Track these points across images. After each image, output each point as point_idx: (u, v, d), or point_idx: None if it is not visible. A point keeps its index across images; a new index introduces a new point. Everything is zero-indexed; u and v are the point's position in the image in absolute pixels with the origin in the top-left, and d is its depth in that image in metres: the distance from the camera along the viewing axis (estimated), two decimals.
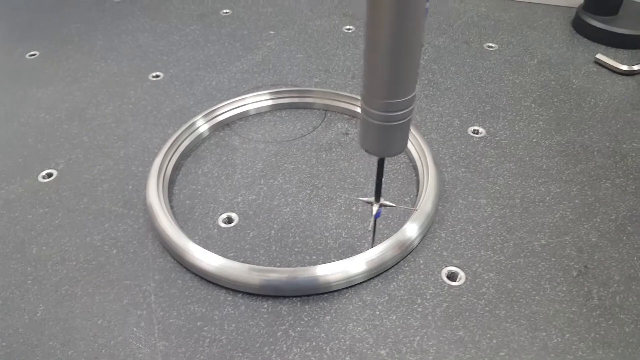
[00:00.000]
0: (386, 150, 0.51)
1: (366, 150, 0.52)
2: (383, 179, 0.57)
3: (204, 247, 0.64)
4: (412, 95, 0.47)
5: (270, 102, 0.91)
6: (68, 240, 0.69)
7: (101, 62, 1.06)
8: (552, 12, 1.20)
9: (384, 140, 0.50)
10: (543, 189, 0.73)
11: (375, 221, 0.64)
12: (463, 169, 0.77)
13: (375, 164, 0.55)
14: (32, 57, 1.09)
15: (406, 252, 0.64)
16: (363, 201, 0.66)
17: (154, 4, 1.28)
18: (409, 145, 0.80)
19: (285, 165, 0.80)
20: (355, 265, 0.61)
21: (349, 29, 1.15)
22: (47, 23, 1.22)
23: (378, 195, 0.59)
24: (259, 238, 0.68)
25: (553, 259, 0.64)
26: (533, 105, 0.89)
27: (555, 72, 0.98)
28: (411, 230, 0.65)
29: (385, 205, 0.60)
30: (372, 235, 0.68)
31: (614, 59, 1.00)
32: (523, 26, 1.14)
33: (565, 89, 0.93)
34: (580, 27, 1.11)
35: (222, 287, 0.62)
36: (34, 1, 1.33)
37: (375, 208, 0.60)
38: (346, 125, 0.87)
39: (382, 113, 0.47)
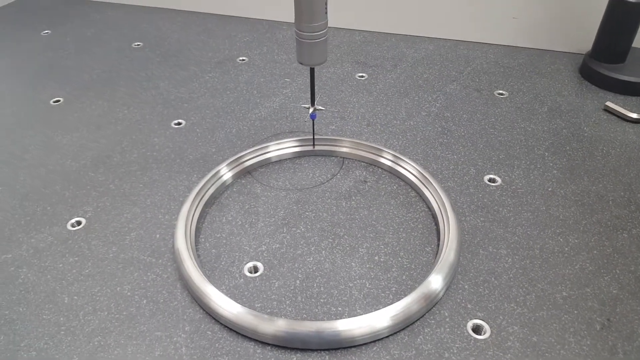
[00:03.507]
0: (312, 60, 0.75)
1: (300, 62, 0.75)
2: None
3: (231, 297, 0.66)
4: (324, 22, 0.71)
5: (292, 150, 0.93)
6: (99, 289, 0.70)
7: (124, 109, 1.09)
8: (559, 58, 1.23)
9: (310, 53, 0.73)
10: (561, 240, 0.75)
11: (313, 122, 0.90)
12: (482, 218, 0.79)
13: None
14: (56, 103, 1.12)
15: (431, 305, 0.66)
16: (303, 107, 0.92)
17: (172, 51, 1.32)
18: (427, 193, 0.82)
19: (307, 213, 0.82)
20: (382, 320, 0.62)
21: (362, 76, 1.18)
22: (69, 69, 1.25)
23: (312, 100, 0.82)
24: (284, 288, 0.70)
25: (575, 312, 0.65)
26: (546, 153, 0.92)
27: (566, 120, 1.01)
28: (436, 282, 0.66)
29: (318, 109, 0.83)
30: (312, 137, 0.92)
31: (623, 106, 1.02)
32: (532, 73, 1.18)
33: (576, 137, 0.96)
34: (588, 74, 1.14)
35: (251, 338, 0.64)
36: (55, 47, 1.37)
37: (311, 110, 0.83)
38: (364, 173, 0.89)
39: (308, 33, 0.71)
